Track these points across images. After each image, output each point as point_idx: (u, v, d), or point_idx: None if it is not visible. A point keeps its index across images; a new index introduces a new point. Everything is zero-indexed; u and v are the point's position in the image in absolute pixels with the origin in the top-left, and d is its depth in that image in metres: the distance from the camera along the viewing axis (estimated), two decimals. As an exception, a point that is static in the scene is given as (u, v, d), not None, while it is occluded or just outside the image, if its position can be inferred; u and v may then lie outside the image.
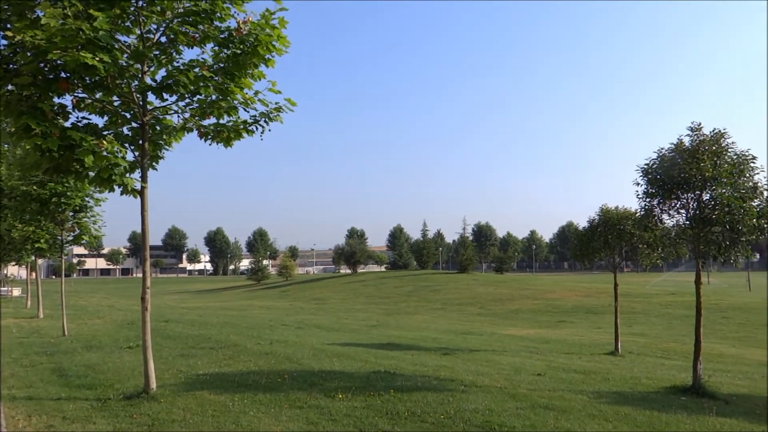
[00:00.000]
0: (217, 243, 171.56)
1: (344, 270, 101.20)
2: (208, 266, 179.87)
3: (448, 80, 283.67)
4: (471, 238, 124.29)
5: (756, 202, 10.40)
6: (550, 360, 15.44)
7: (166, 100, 8.64)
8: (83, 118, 8.37)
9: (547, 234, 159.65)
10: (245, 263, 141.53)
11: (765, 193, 10.48)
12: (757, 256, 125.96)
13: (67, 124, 8.03)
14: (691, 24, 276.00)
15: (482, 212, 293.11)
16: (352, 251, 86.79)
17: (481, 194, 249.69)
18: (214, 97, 8.83)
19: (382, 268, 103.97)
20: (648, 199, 11.61)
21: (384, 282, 64.60)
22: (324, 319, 32.42)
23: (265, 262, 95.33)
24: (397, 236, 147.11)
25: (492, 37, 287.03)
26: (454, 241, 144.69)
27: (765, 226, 10.48)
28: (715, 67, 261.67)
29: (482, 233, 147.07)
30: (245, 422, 7.33)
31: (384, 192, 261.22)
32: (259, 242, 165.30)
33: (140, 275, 8.96)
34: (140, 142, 8.72)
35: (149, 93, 8.49)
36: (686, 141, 11.10)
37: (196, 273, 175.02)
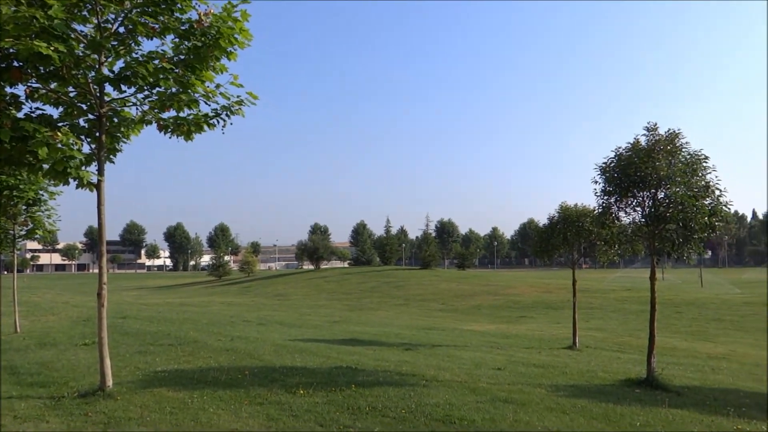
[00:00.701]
0: (177, 238, 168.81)
1: (307, 266, 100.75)
2: (168, 262, 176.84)
3: (417, 79, 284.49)
4: (434, 234, 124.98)
5: (708, 201, 10.74)
6: (510, 354, 15.68)
7: (124, 91, 8.45)
8: (37, 108, 8.14)
9: (508, 231, 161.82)
10: (206, 259, 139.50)
11: (716, 192, 10.83)
12: (709, 253, 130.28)
13: (20, 115, 7.80)
14: (658, 28, 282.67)
15: (445, 209, 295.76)
16: (315, 247, 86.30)
17: (445, 191, 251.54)
18: (174, 89, 8.66)
19: (345, 264, 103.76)
20: (605, 197, 11.86)
21: (347, 278, 64.50)
22: (286, 315, 32.21)
23: (226, 257, 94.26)
24: (360, 232, 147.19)
25: (467, 34, 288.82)
26: (417, 237, 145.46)
27: (716, 224, 10.83)
28: (682, 67, 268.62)
29: (445, 230, 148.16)
30: (204, 419, 7.24)
31: (348, 188, 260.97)
32: (220, 238, 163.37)
33: (97, 271, 8.74)
34: (97, 134, 8.51)
35: (106, 84, 8.29)
36: (642, 140, 11.39)
37: (155, 269, 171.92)
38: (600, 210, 12.18)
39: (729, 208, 11.01)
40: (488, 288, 49.58)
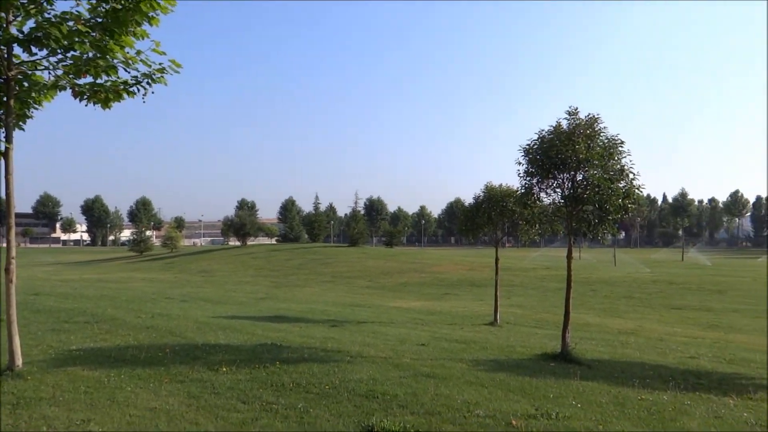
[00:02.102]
0: (95, 212, 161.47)
1: (233, 242, 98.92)
2: (85, 236, 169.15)
3: (344, 53, 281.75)
4: (362, 212, 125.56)
5: (622, 184, 11.25)
6: (434, 331, 16.03)
7: (35, 54, 7.91)
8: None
9: (435, 210, 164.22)
10: (126, 234, 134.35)
11: (630, 175, 11.36)
12: (623, 234, 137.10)
13: None
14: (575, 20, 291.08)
15: (375, 187, 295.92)
16: (241, 223, 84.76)
17: (374, 169, 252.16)
18: (90, 54, 8.19)
19: (273, 241, 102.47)
20: (528, 178, 12.20)
21: (274, 254, 63.89)
22: (211, 291, 31.62)
23: (148, 232, 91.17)
24: (288, 209, 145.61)
25: (397, 10, 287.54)
26: (345, 214, 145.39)
27: (629, 206, 11.38)
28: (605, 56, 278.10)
29: (374, 208, 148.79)
30: (121, 398, 7.03)
31: (276, 164, 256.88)
32: (142, 212, 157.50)
33: (5, 245, 8.26)
34: (4, 99, 7.96)
35: (15, 45, 7.74)
36: (564, 124, 11.76)
37: (72, 243, 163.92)
38: (523, 191, 12.52)
39: (641, 191, 11.60)
40: (415, 266, 50.37)
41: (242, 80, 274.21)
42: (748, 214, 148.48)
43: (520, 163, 12.25)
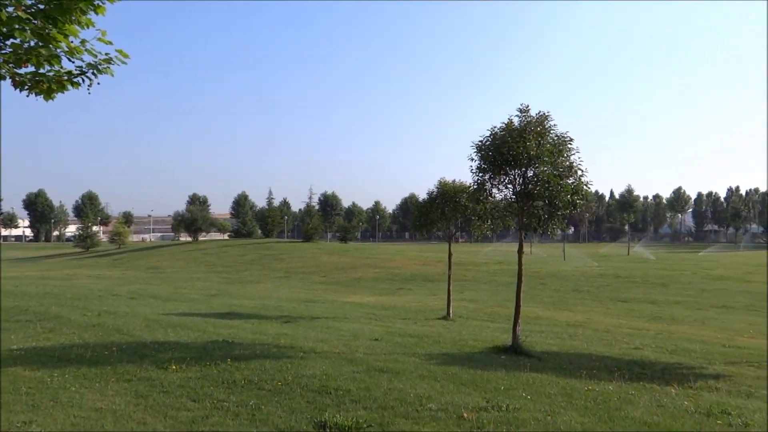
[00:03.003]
0: (38, 206, 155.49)
1: (184, 238, 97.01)
2: (28, 232, 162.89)
3: (297, 48, 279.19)
4: (317, 207, 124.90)
5: (571, 180, 11.52)
6: (388, 325, 16.10)
7: (-28, 42, 7.55)
8: None
9: (390, 205, 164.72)
10: (72, 229, 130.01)
11: (579, 172, 11.64)
12: (572, 229, 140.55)
13: None
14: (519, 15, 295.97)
15: (329, 182, 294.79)
16: (193, 218, 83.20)
17: (329, 164, 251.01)
18: (32, 42, 7.86)
19: (225, 236, 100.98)
20: (480, 174, 12.37)
21: (226, 250, 62.96)
22: (160, 288, 30.94)
23: (95, 228, 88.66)
24: (241, 204, 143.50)
25: (350, 7, 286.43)
26: (300, 210, 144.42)
27: (577, 201, 11.67)
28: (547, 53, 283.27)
29: (328, 203, 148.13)
30: (65, 398, 6.82)
31: (229, 158, 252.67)
32: (88, 207, 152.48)
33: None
34: (-62, 88, 7.57)
35: (-52, 31, 7.36)
36: (515, 121, 11.96)
37: (13, 239, 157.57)
38: (475, 186, 12.70)
39: (589, 188, 11.89)
40: (369, 261, 50.43)
41: (191, 73, 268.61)
42: (690, 210, 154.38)
43: (472, 159, 12.42)
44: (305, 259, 52.68)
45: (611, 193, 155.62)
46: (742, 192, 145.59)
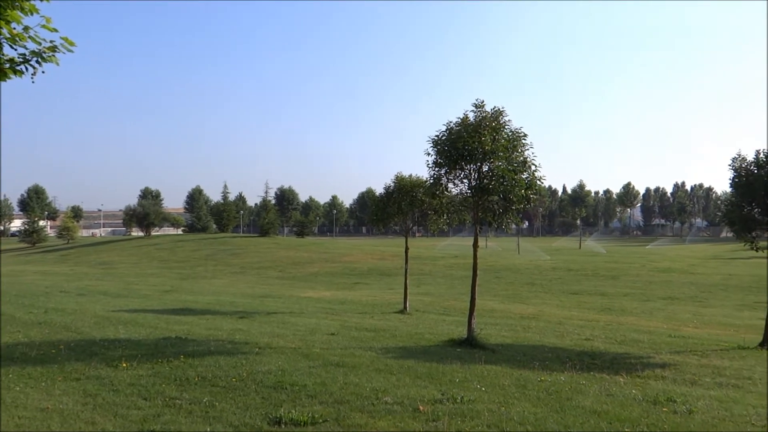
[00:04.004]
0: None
1: (136, 232, 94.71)
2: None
3: (253, 43, 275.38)
4: (273, 201, 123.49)
5: (525, 175, 11.71)
6: (345, 320, 16.08)
7: None
8: None
9: (347, 199, 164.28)
10: (17, 224, 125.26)
11: (533, 167, 11.85)
12: (526, 223, 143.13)
13: None
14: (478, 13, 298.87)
15: (286, 176, 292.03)
16: (145, 212, 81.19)
17: (286, 158, 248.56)
18: (-29, 29, 7.52)
19: (179, 231, 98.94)
20: (437, 169, 12.46)
21: (180, 245, 61.77)
22: (111, 284, 30.16)
23: (41, 222, 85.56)
24: (195, 198, 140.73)
25: (311, 6, 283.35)
26: (256, 204, 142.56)
27: (531, 196, 11.87)
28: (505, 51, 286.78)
29: (285, 197, 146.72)
30: (9, 399, 6.57)
31: (183, 152, 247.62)
32: (34, 200, 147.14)
33: None
34: None
35: None
36: (471, 116, 12.07)
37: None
38: (431, 181, 12.77)
39: (542, 183, 12.13)
40: (326, 255, 50.27)
41: (143, 62, 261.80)
42: (639, 205, 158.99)
43: (429, 154, 12.49)
44: (261, 254, 52.15)
45: (564, 188, 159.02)
46: (688, 188, 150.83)
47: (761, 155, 13.12)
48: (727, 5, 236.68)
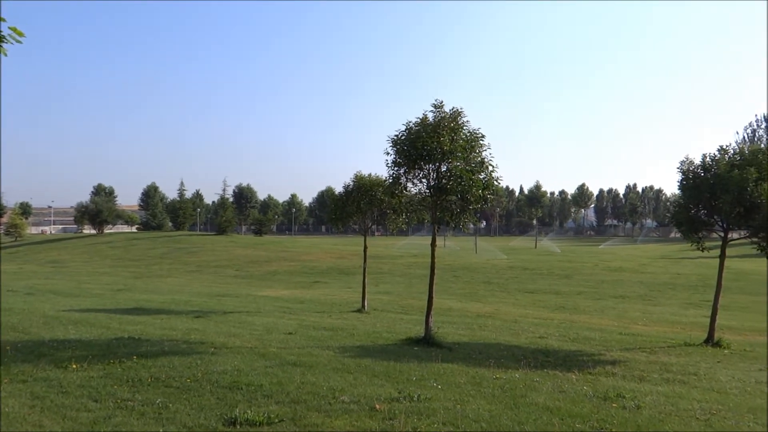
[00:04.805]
0: None
1: (89, 230, 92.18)
2: None
3: (216, 40, 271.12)
4: (231, 199, 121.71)
5: (482, 176, 11.86)
6: (303, 319, 16.01)
7: None
8: None
9: (307, 198, 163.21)
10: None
11: (490, 167, 12.01)
12: (483, 223, 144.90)
13: None
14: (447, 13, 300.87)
15: (244, 174, 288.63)
16: (98, 209, 79.22)
17: (244, 156, 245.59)
18: None
19: (133, 229, 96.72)
20: (396, 168, 12.52)
21: (134, 243, 60.44)
22: (62, 283, 29.30)
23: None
24: (151, 195, 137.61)
25: (273, 6, 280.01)
26: (213, 202, 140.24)
27: (488, 196, 12.04)
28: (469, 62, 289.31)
29: (243, 195, 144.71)
30: (-50, 403, 6.33)
31: (137, 147, 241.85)
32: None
33: None
34: None
35: None
36: (430, 116, 12.17)
37: None
38: (390, 180, 12.83)
39: (499, 183, 12.30)
40: (284, 254, 49.92)
41: (101, 59, 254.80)
42: (592, 205, 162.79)
43: (388, 154, 12.54)
44: (218, 253, 51.44)
45: (521, 188, 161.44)
46: (639, 189, 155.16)
47: (707, 159, 13.61)
48: (684, 8, 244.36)
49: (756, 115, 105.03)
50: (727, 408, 7.51)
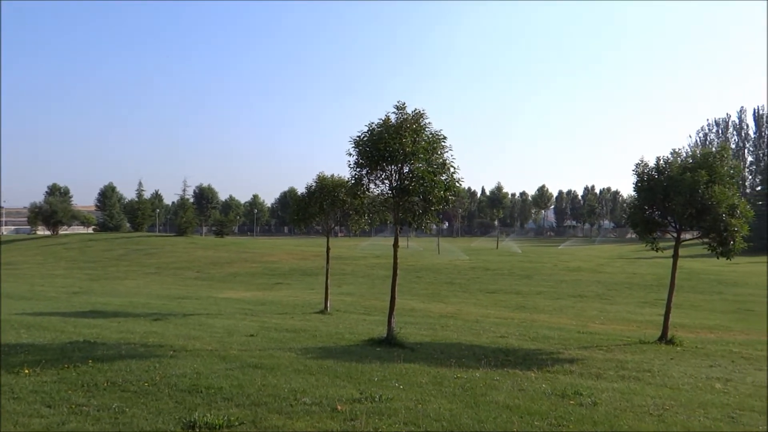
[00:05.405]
0: None
1: (42, 231, 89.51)
2: None
3: (176, 36, 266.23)
4: (192, 200, 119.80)
5: (444, 177, 11.97)
6: (264, 321, 15.88)
7: None
8: None
9: (269, 199, 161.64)
10: None
11: (451, 169, 12.13)
12: (446, 223, 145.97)
13: None
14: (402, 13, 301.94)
15: (205, 174, 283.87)
16: (52, 210, 76.90)
17: (205, 155, 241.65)
18: None
19: (90, 230, 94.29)
20: (358, 169, 12.53)
21: (91, 245, 58.95)
22: (14, 286, 28.38)
23: (-67, 220, 79.33)
24: (108, 195, 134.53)
25: (233, 5, 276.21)
26: (173, 203, 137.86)
27: (450, 197, 12.16)
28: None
29: (204, 196, 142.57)
30: None
31: (94, 147, 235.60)
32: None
33: None
34: None
35: None
36: (393, 118, 12.21)
37: None
38: (353, 181, 12.83)
39: (461, 184, 12.43)
40: (246, 255, 49.38)
41: (56, 56, 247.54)
42: (552, 206, 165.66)
43: (350, 155, 12.54)
44: (178, 254, 50.58)
45: (482, 190, 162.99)
46: (597, 191, 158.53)
47: (661, 162, 14.02)
48: (642, 9, 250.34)
49: (708, 120, 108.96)
50: (679, 403, 7.75)
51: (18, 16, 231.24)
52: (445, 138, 12.19)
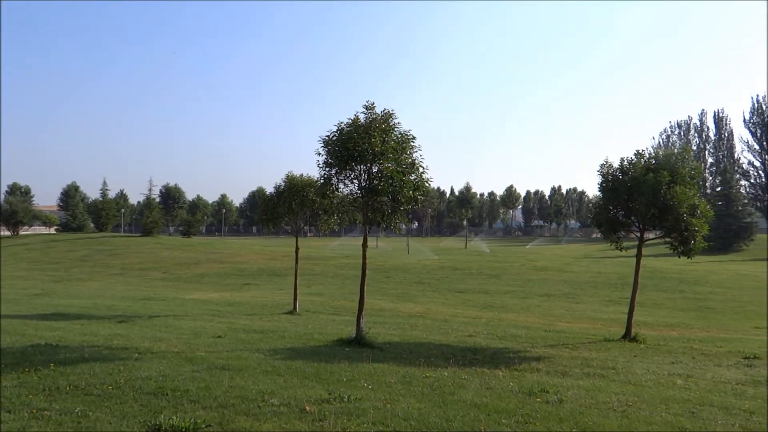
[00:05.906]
0: None
1: (3, 232, 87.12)
2: None
3: (136, 31, 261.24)
4: (158, 199, 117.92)
5: (413, 177, 12.02)
6: (232, 322, 15.73)
7: None
8: None
9: (237, 198, 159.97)
10: None
11: (420, 168, 12.18)
12: (416, 223, 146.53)
13: None
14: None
15: (171, 173, 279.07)
16: (12, 210, 74.89)
17: (172, 154, 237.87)
18: None
19: (52, 231, 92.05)
20: (327, 169, 12.51)
21: (53, 246, 57.55)
22: (-29, 288, 27.51)
23: None
24: (71, 195, 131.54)
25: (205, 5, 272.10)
26: (139, 202, 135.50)
27: (419, 197, 12.21)
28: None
29: (170, 195, 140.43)
30: None
31: (56, 145, 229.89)
32: None
33: None
34: None
35: None
36: (362, 117, 12.22)
37: None
38: (322, 181, 12.80)
39: (430, 184, 12.49)
40: (214, 256, 48.82)
41: (17, 56, 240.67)
42: (520, 206, 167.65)
43: (320, 154, 12.52)
44: (143, 255, 49.73)
45: (451, 189, 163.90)
46: (564, 191, 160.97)
47: (625, 163, 14.30)
48: (605, 9, 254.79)
49: (670, 122, 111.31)
50: (642, 400, 7.92)
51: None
52: (414, 138, 12.25)
